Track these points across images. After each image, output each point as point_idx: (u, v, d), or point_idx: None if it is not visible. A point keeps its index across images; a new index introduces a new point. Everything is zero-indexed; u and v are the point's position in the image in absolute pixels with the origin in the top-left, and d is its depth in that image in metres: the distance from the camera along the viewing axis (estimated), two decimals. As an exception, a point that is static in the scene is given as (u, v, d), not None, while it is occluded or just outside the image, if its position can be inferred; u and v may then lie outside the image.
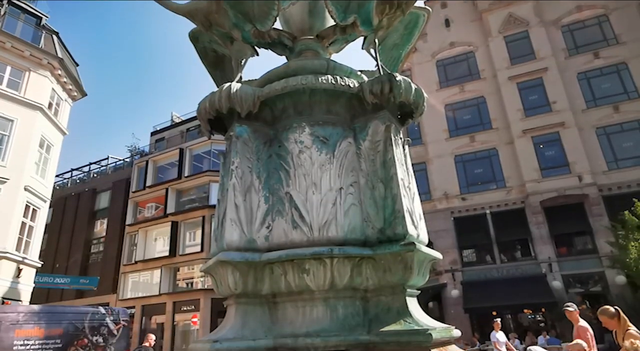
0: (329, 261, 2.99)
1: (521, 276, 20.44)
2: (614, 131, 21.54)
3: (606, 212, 20.05)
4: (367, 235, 3.23)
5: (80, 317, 11.28)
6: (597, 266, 19.76)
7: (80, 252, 33.32)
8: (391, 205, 3.22)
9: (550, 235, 20.95)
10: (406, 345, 2.77)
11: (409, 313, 2.95)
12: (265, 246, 3.19)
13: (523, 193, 22.00)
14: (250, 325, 2.99)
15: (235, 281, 3.02)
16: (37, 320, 10.46)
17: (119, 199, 33.66)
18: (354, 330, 2.93)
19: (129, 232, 31.70)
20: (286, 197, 3.31)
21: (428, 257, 3.22)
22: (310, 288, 3.00)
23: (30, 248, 17.60)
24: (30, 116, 17.67)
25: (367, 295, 3.16)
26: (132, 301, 28.63)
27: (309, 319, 2.99)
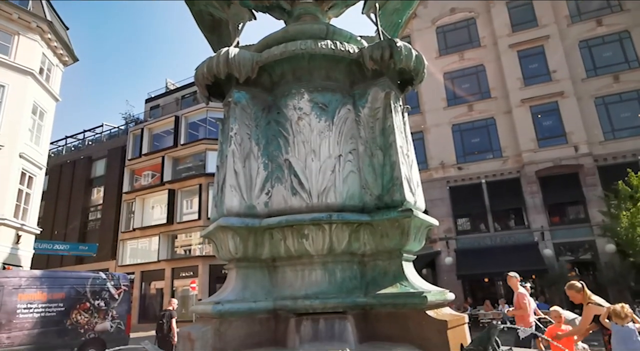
0: (327, 227, 3.04)
1: (514, 245, 20.86)
2: (613, 101, 21.44)
3: (600, 182, 20.26)
4: (365, 201, 3.27)
5: (82, 282, 11.50)
6: (588, 235, 20.17)
7: (78, 219, 33.55)
8: (389, 172, 3.24)
9: (544, 204, 21.24)
10: (402, 306, 2.86)
11: (404, 276, 3.03)
12: (264, 212, 3.23)
13: (519, 163, 22.11)
14: (251, 288, 3.07)
15: (236, 246, 3.08)
16: (39, 284, 10.65)
17: (115, 167, 33.59)
18: (352, 292, 3.02)
19: (126, 200, 31.82)
20: (285, 164, 3.32)
21: (424, 223, 3.28)
22: (309, 253, 3.07)
23: (28, 215, 17.70)
24: (21, 82, 17.33)
25: (365, 259, 3.23)
26: (131, 268, 29.12)
27: (307, 282, 3.07)
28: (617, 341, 4.35)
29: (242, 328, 2.87)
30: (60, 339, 10.49)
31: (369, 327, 2.95)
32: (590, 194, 20.34)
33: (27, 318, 10.07)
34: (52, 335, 10.32)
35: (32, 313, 10.17)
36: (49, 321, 10.39)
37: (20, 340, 9.77)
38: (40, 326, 10.19)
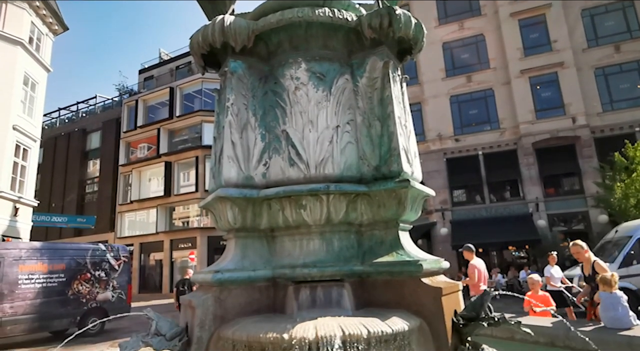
0: (325, 197, 3.05)
1: (508, 216, 21.13)
2: (613, 72, 21.23)
3: (596, 154, 20.36)
4: (363, 172, 3.27)
5: (82, 253, 11.62)
6: (581, 206, 20.43)
7: (75, 192, 33.58)
8: (387, 143, 3.24)
9: (540, 176, 21.38)
10: (398, 274, 2.92)
11: (401, 245, 3.08)
12: (262, 183, 3.23)
13: (516, 134, 22.10)
14: (250, 257, 3.12)
15: (234, 216, 3.10)
16: (39, 256, 10.77)
17: (110, 139, 33.35)
18: (349, 261, 3.07)
19: (122, 172, 31.77)
20: (283, 135, 3.30)
21: (421, 194, 3.30)
22: (307, 223, 3.10)
23: (25, 187, 17.69)
24: (11, 52, 16.92)
25: (362, 229, 3.27)
26: (130, 239, 29.41)
27: (305, 251, 3.11)
28: (606, 308, 4.49)
29: (242, 296, 2.94)
30: (63, 308, 10.72)
31: (365, 294, 3.02)
32: (585, 166, 20.46)
33: (29, 289, 10.23)
34: (54, 304, 10.53)
35: (34, 283, 10.33)
36: (51, 291, 10.58)
37: (23, 309, 9.97)
38: (43, 296, 10.38)
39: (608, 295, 4.53)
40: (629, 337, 4.06)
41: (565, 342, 4.53)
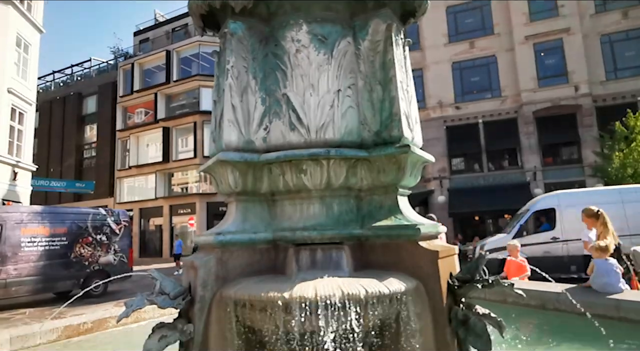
0: (325, 162, 3.06)
1: (506, 184, 21.27)
2: (619, 39, 20.79)
3: (596, 123, 20.27)
4: (364, 137, 3.27)
5: (82, 217, 11.74)
6: (579, 176, 20.54)
7: (73, 157, 33.50)
8: (388, 108, 3.21)
9: (539, 145, 21.37)
10: (396, 237, 2.98)
11: (399, 210, 3.12)
12: (263, 147, 3.23)
13: (517, 103, 21.90)
14: (251, 220, 3.16)
15: (235, 180, 3.12)
16: (40, 219, 10.87)
17: (106, 104, 32.93)
18: (348, 225, 3.12)
19: (120, 138, 31.59)
20: (283, 99, 3.26)
21: (421, 159, 3.31)
22: (307, 188, 3.12)
23: (23, 151, 17.63)
24: (2, 11, 16.39)
25: (361, 194, 3.30)
26: (129, 205, 29.61)
27: (306, 215, 3.15)
28: (600, 274, 4.62)
29: (243, 257, 3.00)
30: (66, 271, 10.94)
31: (363, 257, 3.09)
32: (585, 135, 20.42)
33: (32, 251, 10.40)
34: (57, 266, 10.73)
35: (37, 246, 10.49)
36: (54, 254, 10.76)
37: (27, 271, 10.17)
38: (46, 259, 10.57)
39: (602, 261, 4.64)
40: (616, 300, 4.20)
41: (555, 305, 4.70)
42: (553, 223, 11.84)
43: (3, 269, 9.75)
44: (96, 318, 4.78)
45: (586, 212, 5.51)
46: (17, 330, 4.22)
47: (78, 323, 4.62)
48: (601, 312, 4.10)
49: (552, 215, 11.95)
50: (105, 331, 4.82)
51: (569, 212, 11.34)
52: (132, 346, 3.28)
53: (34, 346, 4.19)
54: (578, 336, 3.68)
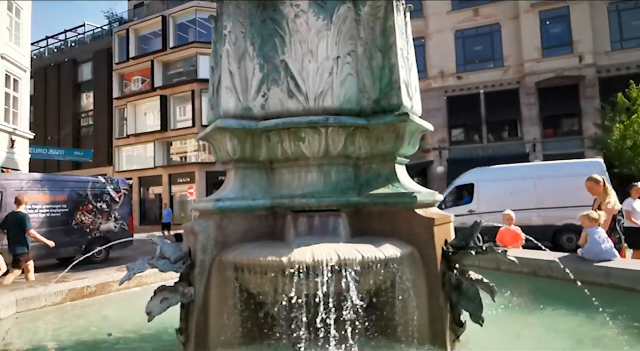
0: (324, 130, 3.06)
1: (505, 156, 21.23)
2: (627, 7, 20.27)
3: (599, 95, 20.06)
4: (362, 105, 3.25)
5: (82, 185, 11.79)
6: (578, 147, 20.52)
7: (70, 125, 33.25)
8: (388, 75, 3.18)
9: (540, 116, 21.23)
10: (393, 205, 3.02)
11: (397, 178, 3.15)
12: (261, 114, 3.22)
13: (520, 73, 21.59)
14: (250, 187, 3.19)
15: (234, 147, 3.12)
16: (40, 187, 10.91)
17: (102, 71, 32.36)
18: (346, 192, 3.15)
19: (117, 106, 31.26)
20: (281, 65, 3.22)
21: (420, 128, 3.31)
22: (306, 155, 3.13)
23: (19, 119, 17.48)
24: (-10, -27, 15.84)
25: (359, 162, 3.31)
26: (128, 173, 29.61)
27: (304, 183, 3.18)
28: (594, 243, 4.70)
29: (242, 224, 3.05)
30: (68, 237, 11.08)
31: (360, 224, 3.14)
32: (587, 107, 20.26)
33: (33, 218, 10.46)
34: (59, 233, 10.84)
35: (37, 213, 10.58)
36: (55, 221, 10.87)
37: (30, 237, 10.27)
38: (47, 226, 10.69)
39: (593, 230, 4.72)
40: (607, 268, 4.30)
41: (547, 272, 4.82)
42: (472, 197, 12.27)
43: (6, 235, 9.87)
44: (99, 282, 4.90)
45: (592, 180, 5.53)
46: (22, 292, 4.33)
47: (82, 286, 4.74)
48: (591, 279, 4.21)
49: (472, 189, 12.39)
50: (108, 294, 4.94)
51: (485, 186, 11.91)
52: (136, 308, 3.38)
53: (39, 308, 4.32)
54: (567, 302, 3.80)
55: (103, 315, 4.20)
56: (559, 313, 3.69)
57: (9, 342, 3.43)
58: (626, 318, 3.36)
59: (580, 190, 10.98)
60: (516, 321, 3.58)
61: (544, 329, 3.34)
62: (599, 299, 3.39)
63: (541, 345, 3.02)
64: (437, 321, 2.85)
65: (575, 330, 3.24)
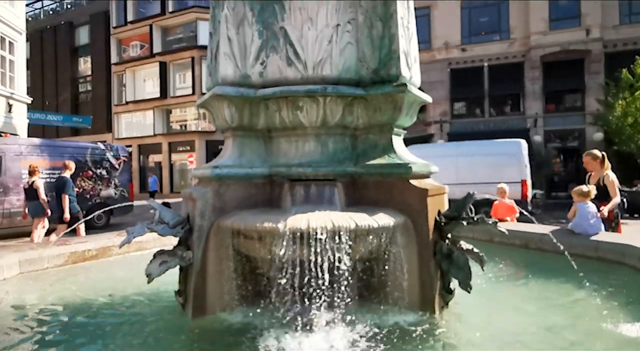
0: (322, 99, 3.06)
1: (506, 130, 21.17)
2: (639, -21, 19.67)
3: (604, 71, 19.79)
4: (361, 75, 3.23)
5: (82, 151, 11.80)
6: (579, 124, 20.44)
7: (68, 91, 32.90)
8: (388, 45, 3.15)
9: (543, 91, 21.02)
10: (388, 175, 3.07)
11: (393, 149, 3.18)
12: (259, 82, 3.20)
13: (525, 46, 21.20)
14: (247, 156, 3.22)
15: (232, 115, 3.13)
16: (39, 152, 10.93)
17: (99, 35, 31.72)
18: (342, 162, 3.19)
19: (115, 72, 30.83)
20: (281, 32, 3.19)
21: (418, 99, 3.30)
22: (303, 125, 3.15)
23: (16, 83, 17.28)
24: None
25: (357, 133, 3.33)
26: (128, 141, 29.57)
27: (301, 152, 3.21)
28: (583, 217, 4.78)
29: (240, 191, 3.10)
30: (68, 202, 11.19)
31: (356, 194, 3.19)
32: (591, 82, 20.03)
33: (34, 183, 10.55)
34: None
35: (38, 178, 10.62)
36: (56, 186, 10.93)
37: (30, 201, 10.38)
38: (48, 191, 10.76)
39: (583, 205, 4.80)
40: (596, 242, 4.40)
41: (538, 245, 4.92)
42: None
43: (6, 199, 9.99)
44: (100, 246, 5.01)
45: (590, 155, 5.51)
46: (24, 254, 4.43)
47: (83, 249, 4.84)
48: (580, 252, 4.31)
49: None
50: (109, 258, 5.06)
51: None
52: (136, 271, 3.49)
53: (42, 269, 4.43)
54: (555, 273, 3.91)
55: (104, 277, 4.32)
56: (546, 283, 3.81)
57: (14, 299, 3.55)
58: (609, 287, 3.47)
59: (497, 167, 11.60)
60: (503, 290, 3.69)
61: (529, 297, 3.45)
62: (587, 271, 3.50)
63: (521, 311, 3.14)
64: (427, 288, 2.95)
65: (559, 299, 3.36)
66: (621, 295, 3.35)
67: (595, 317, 2.91)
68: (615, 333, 2.64)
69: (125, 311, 3.27)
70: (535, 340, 2.60)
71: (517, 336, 2.62)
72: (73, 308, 3.33)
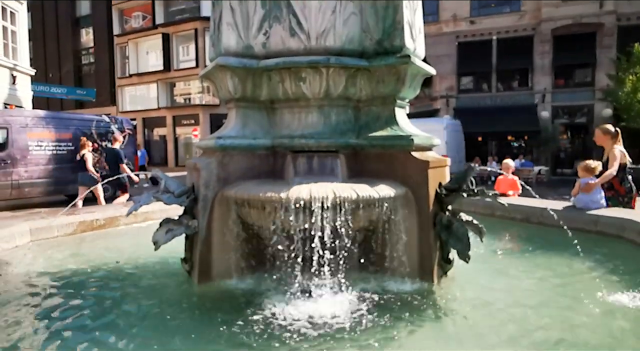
0: (325, 70, 3.05)
1: (513, 106, 20.95)
2: (657, -52, 18.91)
3: (616, 45, 19.32)
4: (365, 46, 3.20)
5: (86, 124, 11.85)
6: (588, 99, 20.14)
7: (70, 63, 32.66)
8: (392, 15, 3.11)
9: (552, 65, 20.63)
10: (390, 148, 3.09)
11: (396, 122, 3.18)
12: (262, 53, 3.19)
13: (536, 19, 20.67)
14: (250, 127, 3.24)
15: (235, 86, 3.14)
16: (45, 124, 10.99)
17: (101, 5, 31.20)
18: (345, 134, 3.20)
19: (118, 44, 30.49)
20: (284, 2, 3.14)
21: (421, 71, 3.28)
22: (306, 96, 3.15)
23: (19, 54, 17.17)
24: None
25: (360, 104, 3.33)
26: (132, 114, 29.51)
27: (304, 123, 3.22)
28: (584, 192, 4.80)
29: (243, 162, 3.14)
30: (75, 175, 11.32)
31: (358, 165, 3.22)
32: (602, 57, 19.60)
33: (40, 155, 10.69)
34: (66, 170, 11.08)
35: (44, 150, 10.75)
36: (62, 158, 11.06)
37: (37, 173, 10.55)
38: (54, 163, 10.90)
39: (587, 180, 4.81)
40: (596, 216, 4.44)
41: (539, 219, 4.97)
42: None
43: (14, 171, 10.13)
44: (108, 216, 5.11)
45: (600, 129, 5.28)
46: (35, 223, 4.55)
47: (91, 219, 4.95)
48: (580, 226, 4.36)
49: None
50: (116, 228, 5.18)
51: None
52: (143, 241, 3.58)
53: (52, 238, 4.56)
54: (555, 246, 3.97)
55: (112, 245, 4.44)
56: (544, 255, 3.88)
57: (26, 266, 3.68)
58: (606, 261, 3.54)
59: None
60: (502, 262, 3.77)
61: (526, 268, 3.52)
62: (586, 245, 3.55)
63: (519, 281, 3.21)
64: (426, 258, 3.02)
65: (556, 270, 3.42)
66: (618, 268, 3.41)
67: (589, 286, 2.98)
68: (606, 301, 2.71)
69: (133, 277, 3.39)
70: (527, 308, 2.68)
71: (510, 307, 2.70)
72: (82, 275, 3.45)
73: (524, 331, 2.37)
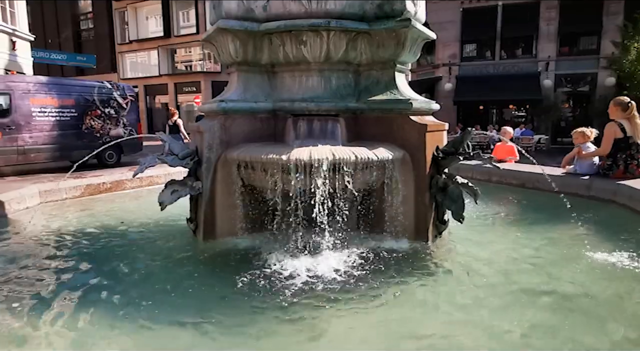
0: (325, 34, 3.07)
1: (515, 74, 20.62)
2: None
3: (623, 11, 18.79)
4: (365, 9, 3.21)
5: (89, 90, 11.80)
6: (592, 68, 19.81)
7: (69, 28, 32.03)
8: (393, -23, 3.10)
9: (557, 33, 20.16)
10: (389, 111, 3.16)
11: (395, 86, 3.24)
12: (263, 16, 3.20)
13: (544, -17, 20.01)
14: (252, 90, 3.30)
15: (236, 49, 3.17)
16: (47, 90, 10.96)
17: (98, -32, 30.23)
18: (345, 98, 3.27)
19: (117, 8, 29.80)
20: (285, -36, 3.13)
21: (422, 35, 3.30)
22: (307, 60, 3.19)
23: (17, 19, 16.87)
24: None
25: (360, 69, 3.37)
26: (134, 81, 29.18)
27: (304, 87, 3.28)
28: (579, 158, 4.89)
29: (245, 125, 3.22)
30: (79, 141, 11.40)
31: (357, 129, 3.30)
32: (609, 24, 19.11)
33: (44, 121, 10.73)
34: (71, 136, 11.16)
35: (48, 116, 10.78)
36: (66, 124, 11.10)
37: (42, 139, 10.63)
38: (58, 129, 10.95)
39: (584, 146, 4.89)
40: (589, 181, 4.55)
41: (534, 184, 5.09)
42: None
43: (19, 136, 10.20)
44: (114, 180, 5.26)
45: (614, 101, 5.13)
46: (44, 185, 4.70)
47: (98, 182, 5.10)
48: (574, 191, 4.48)
49: None
50: (122, 191, 5.34)
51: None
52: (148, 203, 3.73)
53: (61, 200, 4.72)
54: (547, 209, 4.10)
55: (119, 207, 4.60)
56: (537, 218, 4.01)
57: (37, 226, 3.84)
58: (596, 223, 3.67)
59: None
60: (496, 223, 3.91)
61: (518, 229, 3.66)
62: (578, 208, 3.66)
63: (509, 240, 3.36)
64: (422, 218, 3.15)
65: (547, 231, 3.56)
66: (607, 230, 3.56)
67: (577, 245, 3.13)
68: (592, 258, 2.86)
69: (141, 236, 3.55)
70: (514, 263, 2.82)
71: (498, 264, 2.84)
72: (91, 234, 3.61)
73: (511, 283, 2.52)
